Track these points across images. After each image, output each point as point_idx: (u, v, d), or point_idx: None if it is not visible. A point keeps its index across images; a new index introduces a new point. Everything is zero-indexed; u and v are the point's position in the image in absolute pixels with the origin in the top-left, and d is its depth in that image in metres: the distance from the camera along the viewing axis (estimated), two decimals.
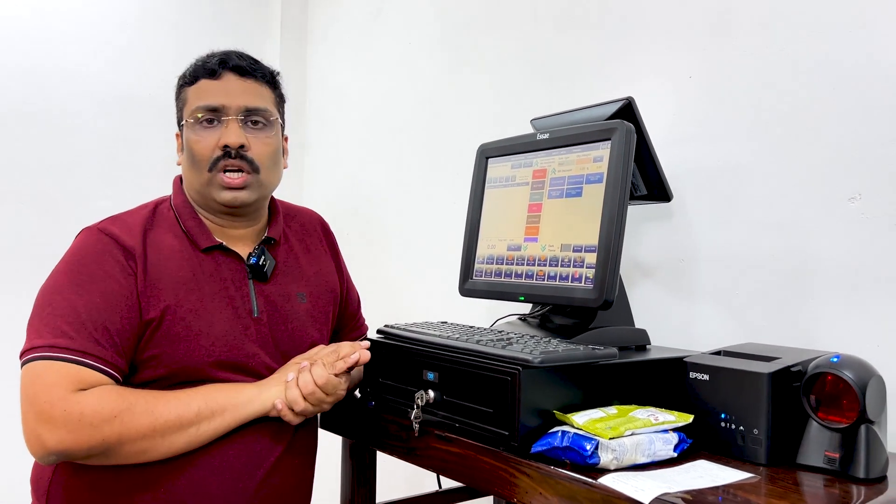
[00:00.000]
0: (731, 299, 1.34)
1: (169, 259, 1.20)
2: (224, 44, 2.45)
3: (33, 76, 2.12)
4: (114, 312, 1.12)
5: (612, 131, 1.17)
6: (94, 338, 1.09)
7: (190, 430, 1.11)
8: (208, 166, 1.22)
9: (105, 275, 1.14)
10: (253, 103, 1.25)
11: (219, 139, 1.22)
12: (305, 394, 1.16)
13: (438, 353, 1.14)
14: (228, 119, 1.23)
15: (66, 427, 1.03)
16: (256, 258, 1.27)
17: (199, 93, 1.24)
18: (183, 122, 1.27)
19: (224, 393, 1.15)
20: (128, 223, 1.22)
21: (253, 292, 1.26)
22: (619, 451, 0.93)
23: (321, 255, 1.42)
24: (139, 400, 1.09)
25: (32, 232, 2.11)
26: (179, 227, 1.25)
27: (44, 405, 1.04)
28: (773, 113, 1.29)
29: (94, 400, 1.06)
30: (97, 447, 1.05)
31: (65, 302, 1.11)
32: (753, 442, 1.00)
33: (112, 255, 1.16)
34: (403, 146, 2.18)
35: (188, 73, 1.28)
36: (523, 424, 0.99)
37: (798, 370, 1.02)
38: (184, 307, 1.18)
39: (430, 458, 1.14)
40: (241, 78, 1.25)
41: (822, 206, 1.22)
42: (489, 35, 1.89)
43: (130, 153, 2.29)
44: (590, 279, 1.16)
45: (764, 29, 1.31)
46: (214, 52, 1.28)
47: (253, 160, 1.23)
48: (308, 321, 1.32)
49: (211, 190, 1.23)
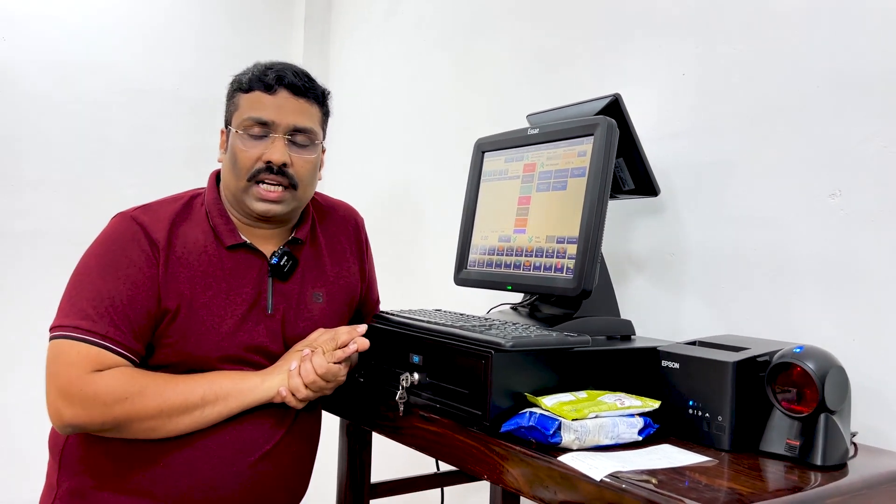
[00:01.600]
0: (716, 292, 1.37)
1: (192, 253, 1.26)
2: (249, 43, 2.57)
3: (66, 70, 2.24)
4: (135, 299, 1.20)
5: (594, 126, 1.21)
6: (115, 322, 1.18)
7: (195, 412, 1.19)
8: (248, 176, 1.27)
9: (130, 262, 1.22)
10: (301, 123, 1.29)
11: (263, 153, 1.26)
12: (307, 382, 1.22)
13: (423, 337, 1.20)
14: (276, 136, 1.27)
15: (81, 404, 1.14)
16: (278, 258, 1.32)
17: (252, 103, 1.28)
18: (231, 125, 1.31)
19: (230, 379, 1.23)
20: (159, 214, 1.28)
21: (270, 290, 1.31)
22: (581, 432, 0.97)
23: (347, 255, 1.45)
24: (150, 384, 1.17)
25: (64, 217, 2.22)
26: (208, 224, 1.31)
27: (63, 382, 1.14)
28: (760, 110, 1.32)
29: (109, 381, 1.15)
30: (109, 423, 1.16)
31: (91, 286, 1.20)
32: (717, 428, 1.03)
33: (139, 244, 1.23)
34: (417, 139, 2.23)
35: (244, 81, 1.30)
36: (494, 405, 1.04)
37: (764, 360, 1.05)
38: (199, 301, 1.24)
39: (414, 436, 1.19)
40: (293, 96, 1.29)
41: (803, 202, 1.25)
42: (493, 34, 1.93)
43: (156, 143, 2.39)
44: (570, 269, 1.20)
45: (752, 28, 1.34)
46: (273, 63, 1.32)
47: (293, 177, 1.28)
48: (321, 320, 1.36)
49: (246, 198, 1.28)
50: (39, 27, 2.20)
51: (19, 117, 2.17)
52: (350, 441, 1.49)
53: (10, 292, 2.16)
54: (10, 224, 2.17)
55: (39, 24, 2.20)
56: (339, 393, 1.40)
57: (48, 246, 2.20)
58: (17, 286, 2.16)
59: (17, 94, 2.17)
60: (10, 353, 2.14)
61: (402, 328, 1.27)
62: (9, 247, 2.17)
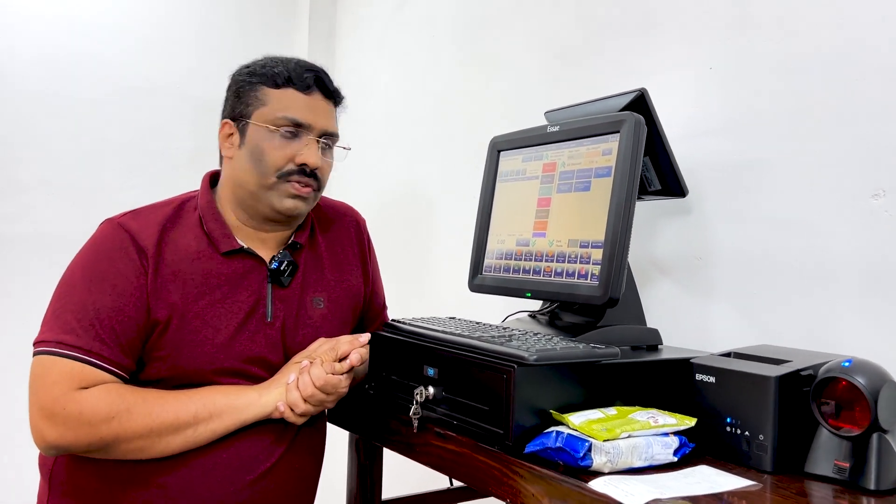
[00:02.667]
0: (747, 299, 1.29)
1: (184, 260, 1.20)
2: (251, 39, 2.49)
3: (63, 69, 2.17)
4: (122, 311, 1.14)
5: (620, 123, 1.13)
6: (100, 337, 1.12)
7: (187, 431, 1.13)
8: (277, 174, 1.22)
9: (116, 272, 1.16)
10: (331, 127, 1.27)
11: (295, 154, 1.22)
12: (305, 396, 1.16)
13: (438, 349, 1.12)
14: (310, 139, 1.23)
15: (65, 424, 1.08)
16: (278, 263, 1.26)
17: (286, 101, 1.23)
18: (250, 120, 1.23)
19: (224, 395, 1.16)
20: (148, 220, 1.22)
21: (270, 297, 1.25)
22: (613, 454, 0.90)
23: (349, 257, 1.40)
24: (137, 401, 1.11)
25: (61, 220, 2.15)
26: (201, 229, 1.24)
27: (46, 401, 1.08)
28: (794, 105, 1.24)
29: (94, 400, 1.09)
30: (95, 444, 1.09)
31: (76, 298, 1.14)
32: (759, 448, 0.96)
33: (126, 253, 1.17)
34: (424, 138, 2.16)
35: (271, 74, 1.24)
36: (518, 423, 0.97)
37: (808, 374, 0.98)
38: (191, 311, 1.18)
39: (429, 454, 1.12)
40: (325, 100, 1.27)
41: (843, 203, 1.17)
42: (508, 26, 1.85)
43: (155, 143, 2.32)
44: (595, 276, 1.13)
45: (785, 18, 1.26)
46: (301, 61, 1.28)
47: (320, 179, 1.26)
48: (322, 326, 1.31)
49: (270, 195, 1.22)
50: (36, 25, 2.13)
51: (14, 117, 2.10)
52: (360, 456, 1.42)
53: (4, 298, 2.09)
54: (5, 228, 2.10)
55: (36, 22, 2.13)
56: (348, 406, 1.33)
57: (44, 250, 2.12)
58: (11, 292, 2.09)
59: (13, 94, 2.10)
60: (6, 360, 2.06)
61: (415, 338, 1.19)
62: (3, 251, 2.09)
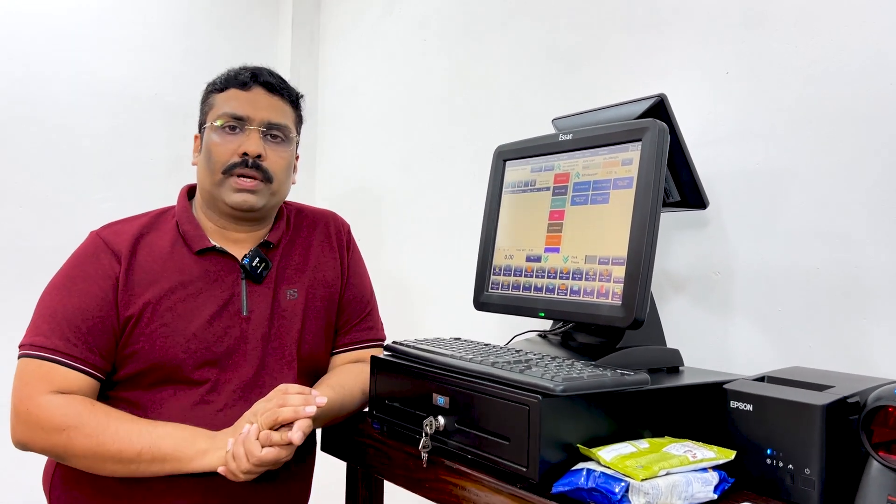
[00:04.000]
0: (771, 317, 1.22)
1: (157, 261, 1.25)
2: (233, 43, 2.39)
3: (35, 74, 2.04)
4: (87, 311, 1.19)
5: (643, 131, 1.06)
6: (65, 335, 1.17)
7: (130, 466, 1.12)
8: (223, 169, 1.26)
9: (86, 277, 1.22)
10: (275, 119, 1.30)
11: (239, 146, 1.26)
12: (242, 470, 1.07)
13: (449, 377, 1.03)
14: (251, 129, 1.28)
15: (26, 425, 1.14)
16: (249, 259, 1.29)
17: (227, 100, 1.29)
18: (206, 125, 1.31)
19: (172, 441, 1.13)
20: (125, 227, 1.28)
21: (244, 292, 1.28)
22: (652, 495, 0.82)
23: (325, 252, 1.41)
24: (90, 421, 1.12)
25: (33, 233, 2.03)
26: (177, 231, 1.30)
27: (16, 401, 1.16)
28: (819, 111, 1.17)
29: (54, 408, 1.13)
30: (49, 450, 1.15)
31: (50, 303, 1.21)
32: (805, 483, 0.88)
33: (97, 259, 1.23)
34: (417, 146, 2.07)
35: (219, 81, 1.33)
36: (543, 459, 0.88)
37: (855, 401, 0.91)
38: (163, 305, 1.22)
39: (440, 491, 1.03)
40: (268, 93, 1.31)
41: (874, 214, 1.10)
42: (507, 29, 1.78)
43: (131, 152, 2.20)
44: (617, 295, 1.05)
45: (807, 18, 1.19)
46: (247, 65, 1.34)
47: (267, 170, 1.28)
48: (295, 317, 1.32)
49: (221, 191, 1.27)
50: (9, 31, 2.00)
51: None
52: (358, 490, 1.32)
53: None
54: None
55: (9, 28, 2.01)
56: (346, 435, 1.24)
57: (15, 263, 2.00)
58: None
59: None
60: None
61: (422, 363, 1.11)
62: None
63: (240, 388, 1.24)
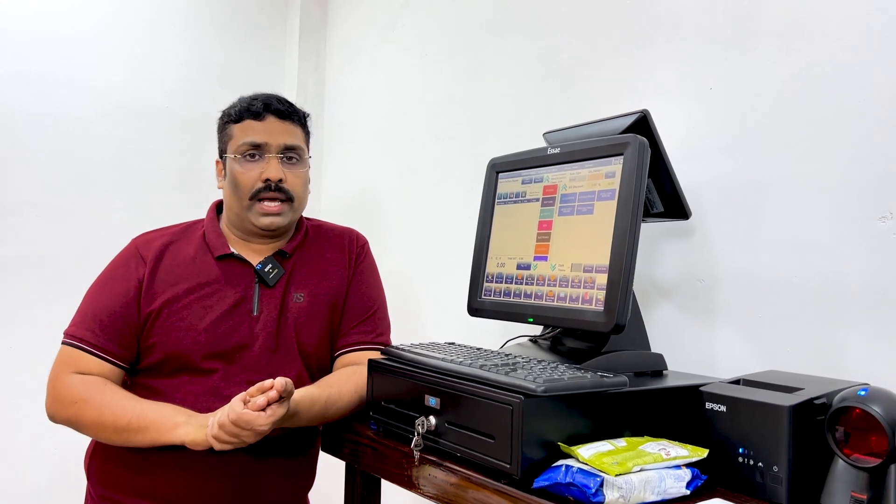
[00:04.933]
0: (752, 323, 1.27)
1: (181, 265, 1.41)
2: (242, 56, 2.47)
3: (49, 87, 2.12)
4: (112, 308, 1.36)
5: (624, 146, 1.11)
6: (92, 329, 1.35)
7: (123, 434, 1.27)
8: (250, 195, 1.40)
9: (116, 278, 1.40)
10: (290, 142, 1.43)
11: (261, 172, 1.40)
12: (219, 423, 1.16)
13: (440, 378, 1.09)
14: (270, 156, 1.41)
15: (52, 398, 1.33)
16: (263, 265, 1.42)
17: (244, 130, 1.42)
18: (227, 154, 1.44)
19: (155, 414, 1.27)
20: (158, 236, 1.46)
21: (257, 295, 1.41)
22: (626, 489, 0.87)
23: (334, 259, 1.51)
24: (96, 396, 1.29)
25: (47, 242, 2.10)
26: (203, 240, 1.45)
27: (49, 379, 1.35)
28: (799, 126, 1.23)
29: (71, 385, 1.31)
30: (65, 420, 1.32)
31: (87, 299, 1.41)
32: (773, 480, 0.93)
33: (127, 264, 1.41)
34: (418, 157, 2.13)
35: (234, 112, 1.44)
36: (525, 456, 0.94)
37: (822, 402, 0.96)
38: (181, 303, 1.37)
39: (431, 487, 1.09)
40: (280, 120, 1.43)
41: (850, 226, 1.15)
42: (503, 46, 1.84)
43: (143, 163, 2.27)
44: (600, 301, 1.10)
45: (787, 38, 1.25)
46: (258, 94, 1.47)
47: (288, 191, 1.41)
48: (304, 319, 1.43)
49: (250, 215, 1.41)
50: (21, 44, 2.08)
51: (2, 139, 2.04)
52: (357, 488, 1.38)
53: None
54: None
55: (21, 40, 2.08)
56: (344, 435, 1.29)
57: (30, 272, 2.07)
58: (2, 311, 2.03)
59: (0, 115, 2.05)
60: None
61: (415, 366, 1.16)
62: None
63: (247, 379, 1.32)
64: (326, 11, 2.62)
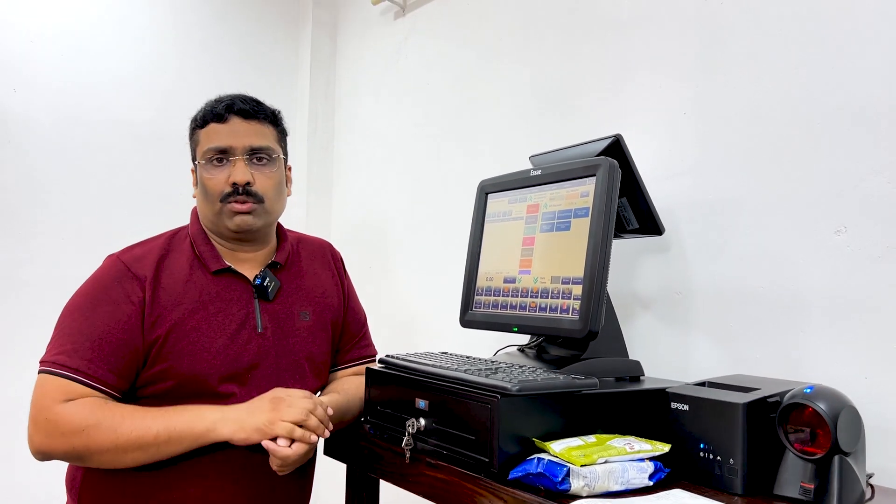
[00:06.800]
0: (724, 331, 1.36)
1: (178, 283, 1.33)
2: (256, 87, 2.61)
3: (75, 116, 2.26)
4: (110, 334, 1.25)
5: (597, 167, 1.21)
6: (87, 357, 1.23)
7: (150, 450, 1.20)
8: (219, 199, 1.35)
9: (109, 300, 1.28)
10: (257, 143, 1.37)
11: (228, 176, 1.34)
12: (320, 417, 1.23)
13: (428, 382, 1.18)
14: (236, 158, 1.35)
15: (45, 432, 1.19)
16: (261, 279, 1.39)
17: (209, 135, 1.37)
18: (196, 161, 1.39)
19: (184, 420, 1.22)
20: (144, 251, 1.36)
21: (258, 310, 1.37)
22: (590, 478, 0.95)
23: (326, 276, 1.53)
24: (107, 417, 1.19)
25: (72, 266, 2.22)
26: (193, 253, 1.38)
27: (35, 411, 1.21)
28: (762, 148, 1.32)
29: (71, 412, 1.19)
30: (70, 452, 1.20)
31: (74, 323, 1.27)
32: (730, 472, 1.01)
33: (121, 284, 1.30)
34: (420, 180, 2.24)
35: (199, 118, 1.40)
36: (502, 451, 1.02)
37: (775, 401, 1.03)
38: (188, 325, 1.29)
39: (421, 484, 1.17)
40: (245, 120, 1.37)
41: (809, 239, 1.24)
42: (496, 78, 1.95)
43: (163, 188, 2.40)
44: (576, 310, 1.19)
45: (751, 65, 1.34)
46: (221, 97, 1.41)
47: (258, 193, 1.36)
48: (308, 337, 1.43)
49: (222, 219, 1.36)
50: (48, 76, 2.23)
51: (26, 165, 2.18)
52: (356, 489, 1.47)
53: (15, 343, 2.15)
54: (17, 272, 2.17)
55: (48, 72, 2.23)
56: (344, 439, 1.39)
57: (54, 294, 2.19)
58: (23, 336, 2.15)
59: (28, 144, 2.19)
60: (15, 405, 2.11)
61: (407, 372, 1.26)
62: (14, 296, 2.17)
63: None
64: (336, 44, 2.76)
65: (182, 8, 2.51)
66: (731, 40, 1.38)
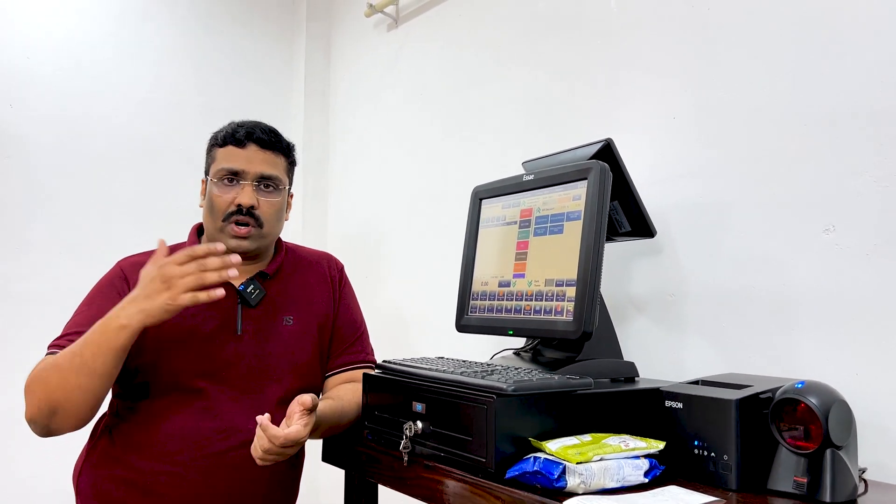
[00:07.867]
0: (717, 331, 1.37)
1: None
2: (252, 99, 2.63)
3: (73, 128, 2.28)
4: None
5: (588, 170, 1.23)
6: (72, 339, 1.31)
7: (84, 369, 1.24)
8: (223, 217, 1.45)
9: (103, 298, 1.41)
10: (267, 171, 1.47)
11: (235, 197, 1.44)
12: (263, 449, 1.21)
13: (424, 385, 1.20)
14: (246, 183, 1.45)
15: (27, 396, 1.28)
16: (245, 286, 1.46)
17: (226, 156, 1.46)
18: (209, 175, 1.49)
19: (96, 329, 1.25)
20: (142, 259, 1.43)
21: (240, 315, 1.45)
22: (586, 476, 0.96)
23: (318, 285, 1.58)
24: (50, 359, 1.29)
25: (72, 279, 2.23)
26: None
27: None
28: (753, 150, 1.34)
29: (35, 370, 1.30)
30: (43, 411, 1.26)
31: (73, 318, 1.42)
32: (724, 468, 1.03)
33: (114, 284, 1.44)
34: (414, 189, 2.26)
35: (220, 137, 1.49)
36: (498, 451, 1.03)
37: (767, 397, 1.05)
38: (167, 323, 1.32)
39: (419, 486, 1.18)
40: (261, 149, 1.47)
41: (799, 239, 1.26)
42: (490, 86, 1.97)
43: (162, 201, 2.42)
44: (570, 312, 1.21)
45: (741, 69, 1.37)
46: (245, 122, 1.50)
47: (259, 217, 1.46)
48: (291, 340, 1.49)
49: (222, 236, 1.45)
50: (49, 88, 2.25)
51: (26, 178, 2.20)
52: (355, 494, 1.48)
53: (16, 357, 2.16)
54: (17, 286, 2.18)
55: (49, 85, 2.25)
56: (342, 444, 1.39)
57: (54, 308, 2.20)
58: (23, 349, 2.15)
59: (24, 159, 2.21)
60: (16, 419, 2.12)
61: (403, 377, 1.27)
62: (14, 310, 2.18)
63: (233, 397, 1.41)
64: (329, 57, 2.78)
65: (177, 23, 2.54)
66: (719, 45, 1.41)
